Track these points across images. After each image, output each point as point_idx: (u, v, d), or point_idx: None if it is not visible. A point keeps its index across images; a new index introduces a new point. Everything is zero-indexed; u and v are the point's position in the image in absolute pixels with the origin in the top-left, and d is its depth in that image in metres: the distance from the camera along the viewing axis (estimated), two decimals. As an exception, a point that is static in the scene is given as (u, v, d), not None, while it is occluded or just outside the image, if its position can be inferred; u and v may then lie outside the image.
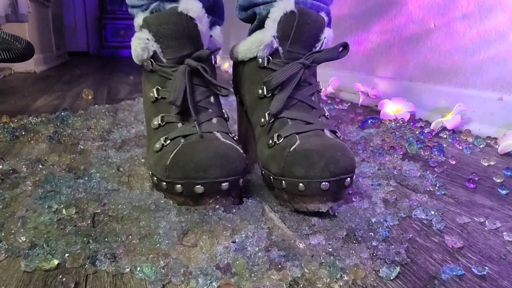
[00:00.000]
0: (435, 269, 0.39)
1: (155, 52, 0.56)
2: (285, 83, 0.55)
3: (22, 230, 0.41)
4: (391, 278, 0.37)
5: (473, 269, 0.38)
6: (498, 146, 0.79)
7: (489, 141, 0.84)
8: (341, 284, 0.36)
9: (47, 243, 0.39)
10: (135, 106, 1.15)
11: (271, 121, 0.56)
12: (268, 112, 0.56)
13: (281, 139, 0.53)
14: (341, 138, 0.57)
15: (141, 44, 0.56)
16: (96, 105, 1.13)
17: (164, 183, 0.48)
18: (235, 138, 0.55)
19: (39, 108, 1.16)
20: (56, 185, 0.52)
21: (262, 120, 0.57)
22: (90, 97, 1.36)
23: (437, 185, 0.59)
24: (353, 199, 0.53)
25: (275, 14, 0.56)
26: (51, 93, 1.46)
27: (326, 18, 0.59)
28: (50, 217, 0.44)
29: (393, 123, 0.97)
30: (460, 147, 0.81)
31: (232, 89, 0.65)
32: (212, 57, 0.60)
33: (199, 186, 0.46)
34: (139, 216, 0.46)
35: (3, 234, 0.41)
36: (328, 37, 0.59)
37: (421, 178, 0.62)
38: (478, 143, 0.83)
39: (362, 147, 0.75)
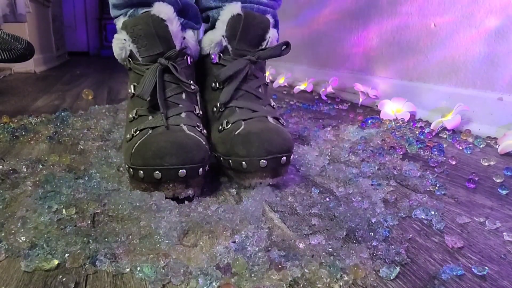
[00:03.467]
0: (435, 269, 0.39)
1: (131, 51, 0.61)
2: (233, 77, 0.62)
3: (22, 230, 0.41)
4: (391, 278, 0.37)
5: (473, 269, 0.38)
6: (498, 146, 0.79)
7: (489, 141, 0.84)
8: (341, 284, 0.36)
9: (47, 243, 0.39)
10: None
11: (221, 110, 0.62)
12: (219, 102, 0.62)
13: (229, 125, 0.59)
14: (284, 124, 0.63)
15: (119, 44, 0.61)
16: (96, 105, 1.13)
17: (131, 170, 0.52)
18: (202, 132, 0.58)
19: (39, 108, 1.16)
20: (56, 185, 0.52)
21: (214, 109, 0.64)
22: (90, 97, 1.36)
23: (437, 185, 0.59)
24: (353, 199, 0.53)
25: (224, 16, 0.63)
26: (51, 93, 1.46)
27: (271, 20, 0.66)
28: (50, 217, 0.44)
29: (393, 123, 0.97)
30: (460, 147, 0.81)
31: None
32: (188, 57, 0.63)
33: (157, 172, 0.49)
34: (139, 216, 0.46)
35: (3, 234, 0.41)
36: (273, 37, 0.66)
37: (421, 178, 0.62)
38: (478, 143, 0.83)
39: (362, 147, 0.75)
